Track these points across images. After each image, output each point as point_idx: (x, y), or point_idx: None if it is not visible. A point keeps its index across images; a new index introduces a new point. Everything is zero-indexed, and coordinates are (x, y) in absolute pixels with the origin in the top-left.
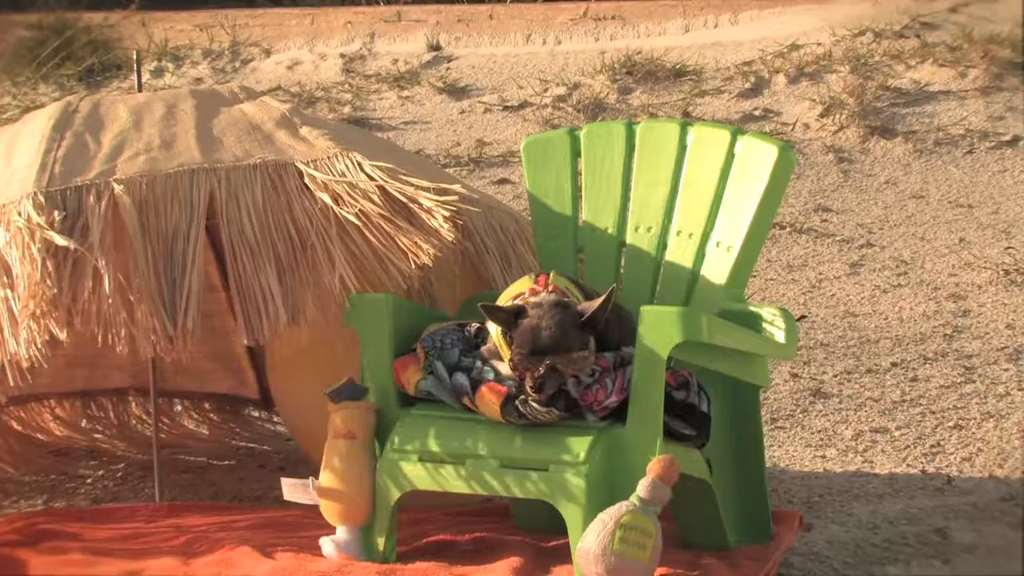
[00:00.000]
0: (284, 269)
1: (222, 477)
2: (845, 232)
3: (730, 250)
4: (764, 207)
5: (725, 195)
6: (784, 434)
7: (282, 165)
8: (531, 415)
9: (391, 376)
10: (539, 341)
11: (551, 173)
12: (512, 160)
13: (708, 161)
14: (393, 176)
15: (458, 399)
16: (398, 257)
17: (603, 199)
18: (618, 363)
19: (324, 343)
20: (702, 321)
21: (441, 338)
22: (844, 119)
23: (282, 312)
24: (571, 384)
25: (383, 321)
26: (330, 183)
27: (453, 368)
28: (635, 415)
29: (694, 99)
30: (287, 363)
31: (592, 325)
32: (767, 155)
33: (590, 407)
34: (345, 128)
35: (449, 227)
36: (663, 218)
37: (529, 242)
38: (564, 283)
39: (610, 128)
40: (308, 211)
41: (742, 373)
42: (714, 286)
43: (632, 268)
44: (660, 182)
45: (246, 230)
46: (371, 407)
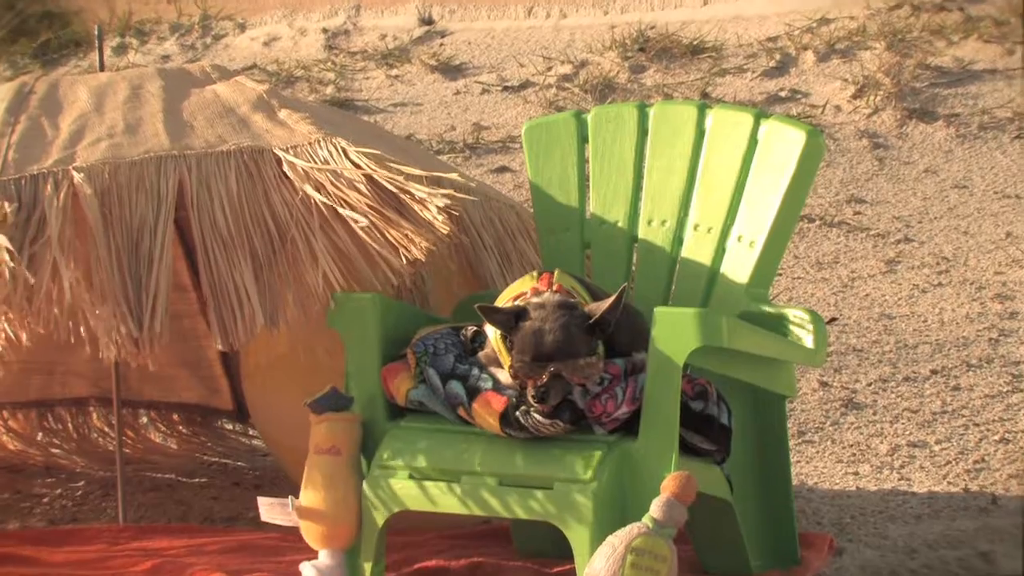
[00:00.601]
0: (261, 266)
1: (192, 496)
2: (880, 226)
3: (753, 245)
4: (790, 198)
5: (747, 185)
6: (813, 449)
7: (259, 151)
8: (533, 428)
9: (379, 385)
10: (542, 346)
11: (555, 160)
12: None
13: (729, 147)
14: (381, 164)
15: (453, 410)
16: (387, 253)
17: (612, 189)
18: (629, 370)
19: (305, 348)
20: (722, 324)
21: (434, 343)
22: (879, 101)
23: (259, 314)
24: (577, 394)
25: (370, 323)
26: (312, 171)
27: (447, 376)
28: (648, 428)
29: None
30: (264, 370)
31: (600, 328)
32: (794, 141)
33: (598, 419)
34: (328, 111)
35: (443, 220)
36: (679, 210)
37: (531, 237)
38: (569, 282)
39: (620, 111)
40: (288, 202)
41: (766, 381)
42: (735, 285)
43: (645, 265)
44: (675, 170)
45: (219, 223)
46: (356, 419)
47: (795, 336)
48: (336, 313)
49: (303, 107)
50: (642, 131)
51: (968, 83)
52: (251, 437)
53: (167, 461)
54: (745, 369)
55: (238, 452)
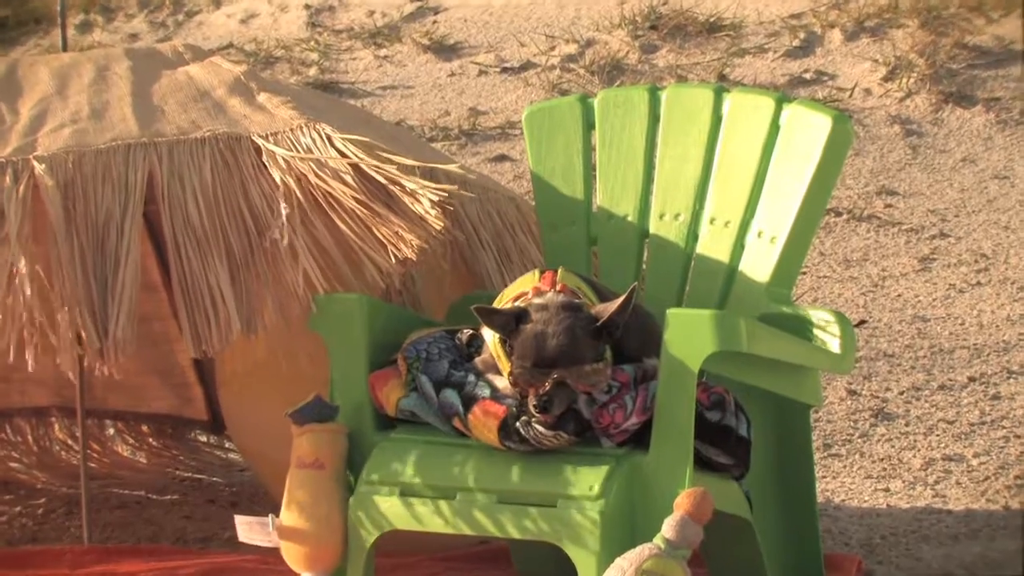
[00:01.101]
0: (238, 265)
1: (163, 514)
2: (914, 220)
3: (774, 241)
4: (815, 190)
5: (768, 175)
6: (840, 463)
7: (236, 139)
8: (535, 440)
9: (366, 393)
10: (545, 351)
11: (559, 149)
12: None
13: (748, 134)
14: (370, 152)
15: (447, 421)
16: (375, 250)
17: (621, 180)
18: (639, 378)
19: (286, 354)
20: (741, 327)
21: (427, 348)
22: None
23: (235, 317)
24: (583, 403)
25: (356, 327)
26: (294, 161)
27: (441, 384)
28: (660, 440)
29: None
30: (241, 378)
31: (608, 332)
32: (819, 127)
33: (606, 430)
34: (311, 94)
35: (437, 214)
36: (694, 203)
37: (532, 232)
38: (574, 281)
39: (630, 95)
40: (267, 195)
41: (789, 390)
42: (755, 285)
43: (656, 263)
44: (690, 159)
45: (192, 217)
46: (342, 430)
47: (820, 340)
48: (319, 316)
49: (284, 90)
50: (653, 117)
51: (1009, 64)
52: (227, 450)
53: (136, 476)
54: (766, 376)
55: (213, 467)
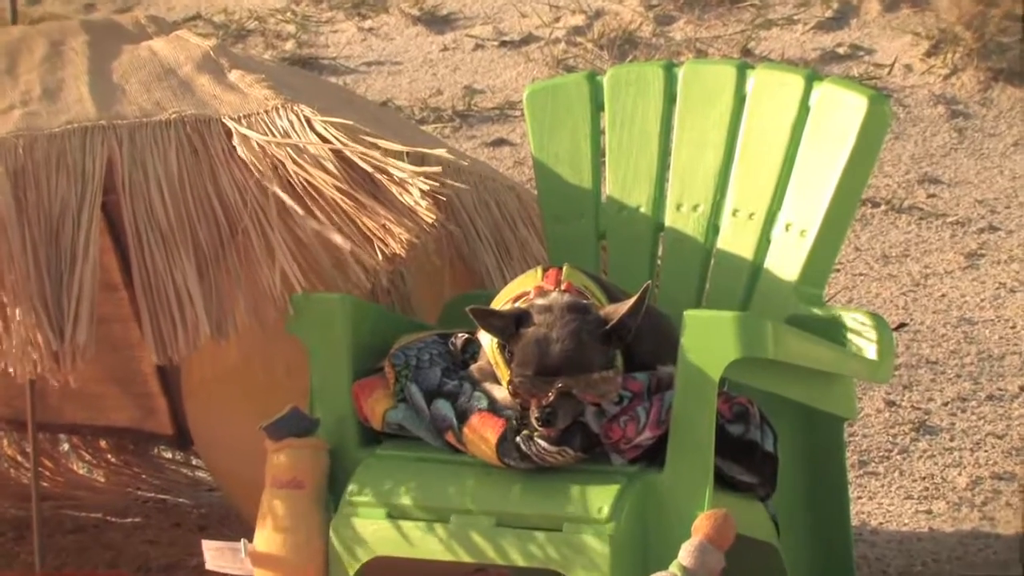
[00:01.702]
0: (207, 262)
1: (124, 539)
2: (959, 211)
3: (804, 235)
4: (850, 178)
5: (797, 162)
6: (876, 482)
7: (204, 122)
8: (537, 456)
9: (349, 404)
10: (548, 357)
11: (564, 132)
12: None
13: (774, 116)
14: (353, 137)
15: (439, 435)
16: (360, 245)
17: (634, 167)
18: (653, 387)
19: (260, 360)
20: (767, 330)
21: (417, 353)
22: (958, 59)
23: (204, 319)
24: (591, 415)
25: (339, 330)
26: (269, 146)
27: (433, 394)
28: (676, 456)
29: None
30: (211, 387)
31: (619, 336)
32: (853, 108)
33: (616, 446)
34: (288, 72)
35: (428, 205)
36: (714, 193)
37: (535, 224)
38: (581, 280)
39: (643, 72)
40: (239, 183)
41: (820, 400)
42: (782, 284)
43: (673, 259)
44: (710, 144)
45: (156, 209)
46: (322, 446)
47: (855, 345)
48: (298, 318)
49: (258, 67)
50: (669, 96)
51: None
52: (195, 468)
53: (93, 497)
54: (795, 385)
55: (179, 486)
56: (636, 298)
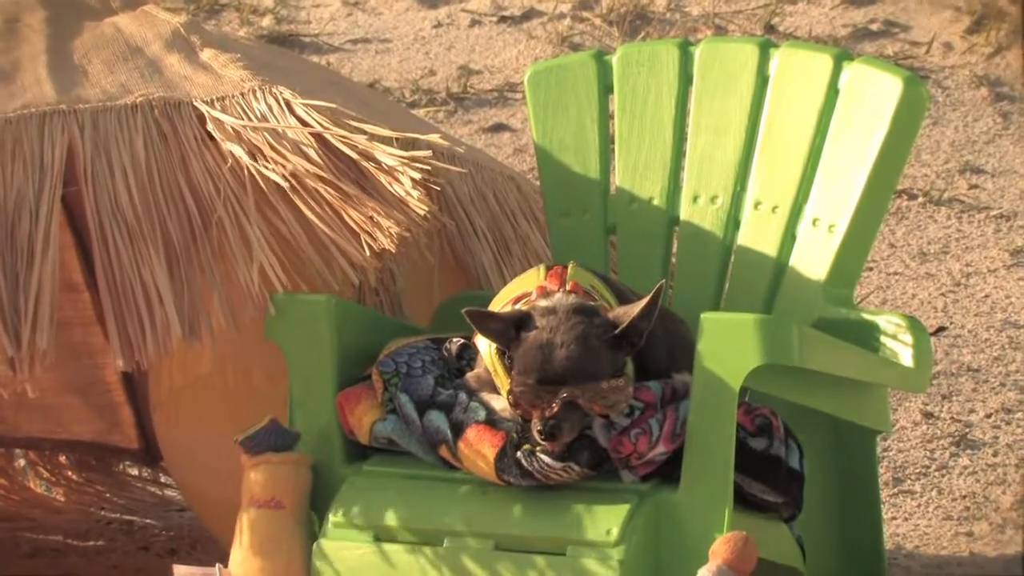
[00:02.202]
0: (178, 259)
1: (86, 564)
2: (1004, 204)
3: (833, 230)
4: (883, 167)
5: (825, 150)
6: (913, 501)
7: (174, 105)
8: (539, 473)
9: (334, 416)
10: (552, 364)
11: (569, 117)
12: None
13: (800, 100)
14: (338, 121)
15: (432, 449)
16: (345, 240)
17: (646, 155)
18: (668, 397)
19: (236, 367)
20: (792, 335)
21: (408, 360)
22: (1003, 37)
23: (174, 322)
24: (599, 428)
25: (322, 335)
26: (245, 131)
27: (426, 404)
28: (693, 473)
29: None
30: (181, 396)
31: (630, 341)
32: (887, 90)
33: (627, 461)
34: (266, 50)
35: (420, 196)
36: (734, 183)
37: (537, 218)
38: (588, 279)
39: (656, 51)
40: (213, 172)
41: (851, 412)
42: (810, 283)
43: (689, 257)
44: (730, 130)
45: (121, 201)
46: (304, 462)
47: (889, 351)
48: (278, 320)
49: (233, 45)
50: (685, 78)
51: None
52: (163, 486)
53: (52, 518)
54: (823, 395)
55: (146, 506)
56: (648, 299)
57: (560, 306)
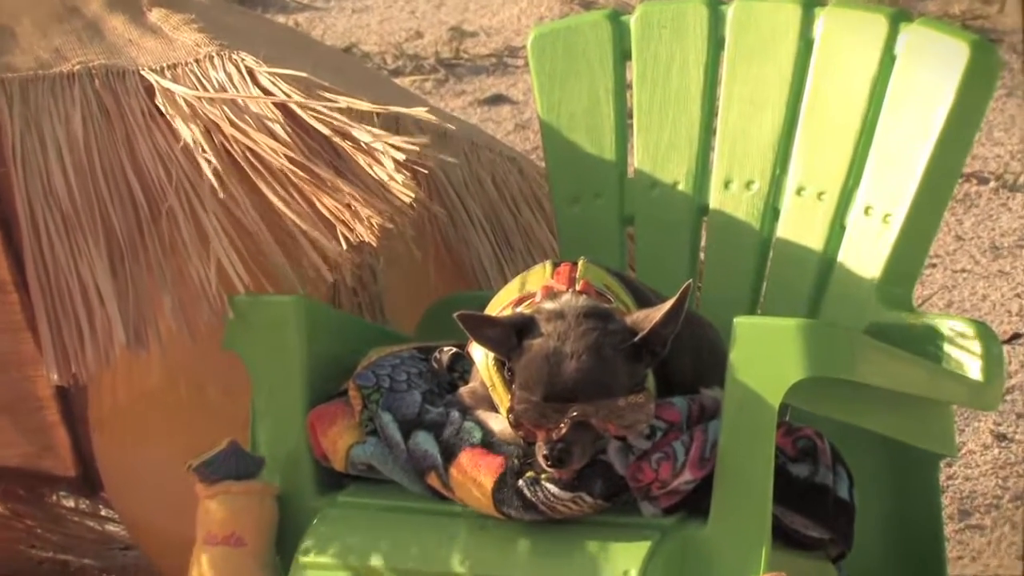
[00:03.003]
0: (122, 254)
1: None
2: None
3: (889, 220)
4: (947, 147)
5: (879, 126)
6: (982, 538)
7: (118, 74)
8: (545, 504)
9: (304, 438)
10: (560, 377)
11: (580, 87)
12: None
13: (850, 68)
14: (309, 92)
15: (419, 477)
16: (317, 231)
17: (669, 133)
18: (695, 416)
19: (189, 381)
20: (841, 343)
21: (391, 373)
22: None
23: (117, 327)
24: (614, 452)
25: (291, 343)
26: (200, 104)
27: (411, 424)
28: (724, 505)
29: None
30: (125, 415)
31: (651, 350)
32: (952, 57)
33: (647, 491)
34: (224, 10)
35: (405, 180)
36: (772, 166)
37: (543, 206)
38: (602, 277)
39: (682, 10)
40: (163, 153)
41: (909, 433)
42: (861, 282)
43: (720, 252)
44: (768, 104)
45: (56, 186)
46: (268, 492)
47: (955, 362)
48: (238, 327)
49: (187, 4)
50: (715, 42)
51: None
52: (104, 520)
53: None
54: (877, 414)
55: (84, 543)
56: (673, 302)
57: (569, 309)
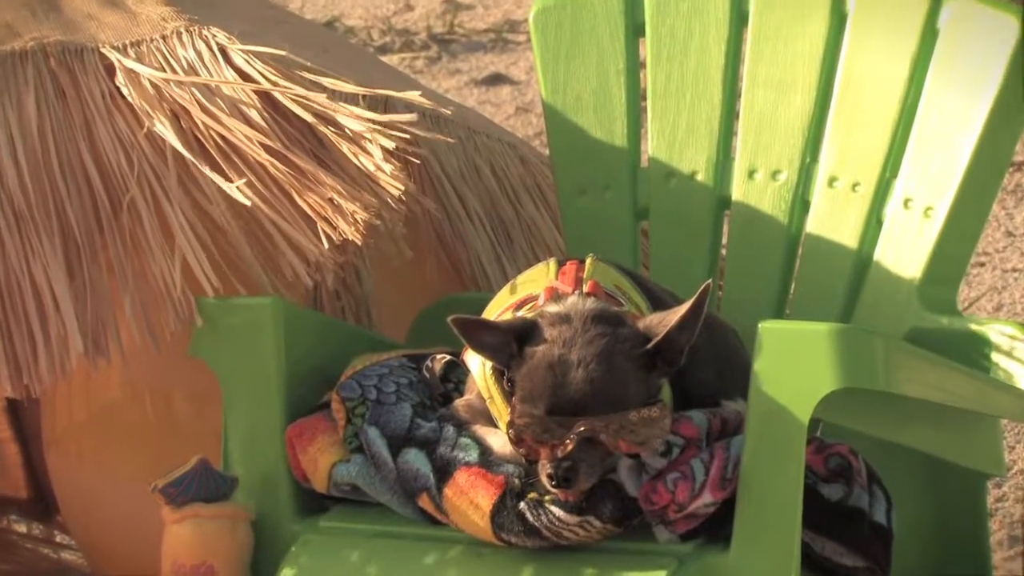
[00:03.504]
0: (79, 253)
1: None
2: None
3: (931, 214)
4: (996, 133)
5: (920, 110)
6: None
7: (76, 52)
8: (550, 529)
9: (282, 456)
10: (566, 389)
11: (588, 66)
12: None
13: (888, 45)
14: (287, 73)
15: (410, 499)
16: (296, 228)
17: (687, 117)
18: (715, 431)
19: (153, 394)
20: (878, 350)
21: (378, 384)
22: None
23: (74, 335)
24: (625, 471)
25: (266, 350)
26: (167, 87)
27: (401, 440)
28: (748, 530)
29: None
30: (83, 431)
31: (666, 359)
32: (1000, 32)
33: (662, 514)
34: None
35: (394, 170)
36: (802, 154)
37: (547, 198)
38: (612, 277)
39: None
40: (125, 140)
41: (954, 451)
42: (901, 283)
43: (743, 249)
44: (796, 85)
45: (7, 177)
46: (242, 515)
47: (1004, 372)
48: (207, 333)
49: None
50: (738, 16)
51: None
52: (59, 547)
53: None
54: (918, 429)
55: (37, 573)
56: (690, 305)
57: (575, 313)
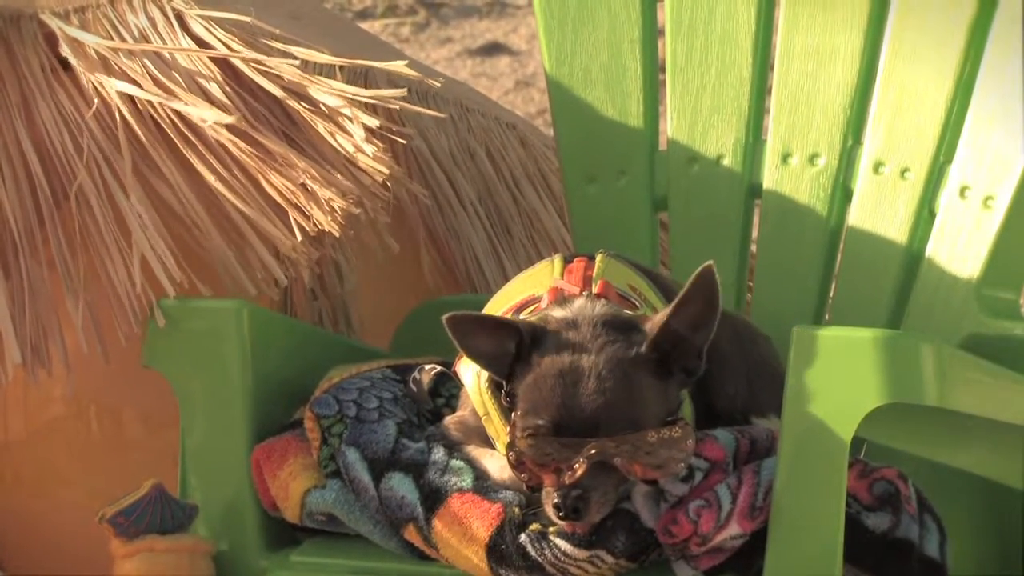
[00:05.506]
0: (18, 248)
1: None
2: None
3: (991, 204)
4: None
5: (978, 87)
6: None
7: (12, 20)
8: (555, 565)
9: (248, 481)
10: (575, 404)
11: (598, 36)
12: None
13: (940, 11)
14: (254, 43)
15: (393, 530)
16: (265, 219)
17: (712, 95)
18: (744, 453)
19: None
20: (929, 359)
21: (358, 398)
22: None
23: (10, 342)
24: (641, 499)
25: (230, 359)
26: (117, 57)
27: (384, 464)
28: (781, 566)
29: None
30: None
31: (686, 369)
32: None
33: (683, 548)
34: None
35: (377, 152)
36: (843, 136)
37: (550, 186)
38: (626, 277)
39: None
40: (69, 119)
41: (1015, 475)
42: (956, 283)
43: (777, 243)
44: (837, 58)
45: None
46: (202, 548)
47: None
48: (164, 339)
49: None
50: None
51: None
52: None
53: None
54: (974, 449)
55: None
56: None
57: (584, 317)
